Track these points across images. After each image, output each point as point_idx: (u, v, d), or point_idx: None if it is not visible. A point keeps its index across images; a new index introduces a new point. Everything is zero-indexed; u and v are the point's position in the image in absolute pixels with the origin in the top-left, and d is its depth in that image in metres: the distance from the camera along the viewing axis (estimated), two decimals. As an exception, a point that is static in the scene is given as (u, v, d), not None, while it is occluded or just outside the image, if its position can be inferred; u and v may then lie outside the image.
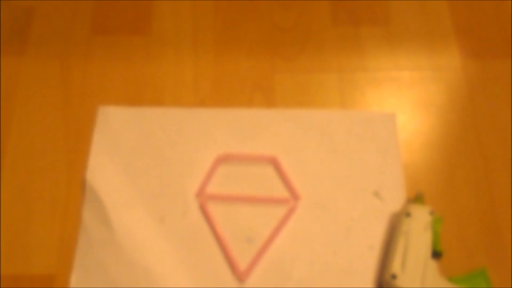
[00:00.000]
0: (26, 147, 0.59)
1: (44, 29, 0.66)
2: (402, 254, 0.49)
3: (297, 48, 0.65)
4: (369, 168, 0.57)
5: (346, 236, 0.53)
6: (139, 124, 0.60)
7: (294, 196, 0.55)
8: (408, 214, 0.51)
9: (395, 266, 0.49)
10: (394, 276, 0.49)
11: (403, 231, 0.51)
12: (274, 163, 0.57)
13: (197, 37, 0.66)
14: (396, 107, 0.61)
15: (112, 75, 0.63)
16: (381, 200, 0.56)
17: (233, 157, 0.57)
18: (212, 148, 0.58)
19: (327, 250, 0.53)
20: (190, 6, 0.67)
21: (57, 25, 0.66)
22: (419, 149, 0.59)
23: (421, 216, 0.51)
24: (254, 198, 0.55)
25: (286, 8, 0.67)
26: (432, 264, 0.50)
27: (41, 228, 0.55)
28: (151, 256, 0.53)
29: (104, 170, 0.57)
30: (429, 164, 0.58)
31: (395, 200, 0.55)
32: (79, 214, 0.55)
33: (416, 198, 0.54)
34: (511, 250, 0.54)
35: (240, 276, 0.52)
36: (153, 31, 0.66)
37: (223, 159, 0.57)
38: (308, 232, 0.54)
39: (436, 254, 0.51)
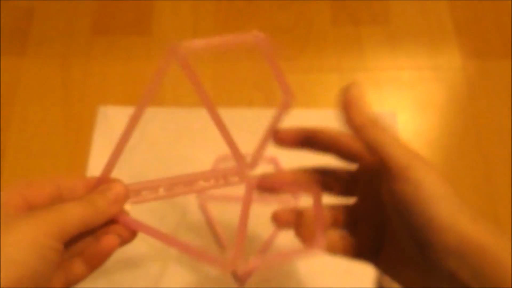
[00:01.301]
0: (26, 147, 0.59)
1: (44, 29, 0.66)
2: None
3: (297, 48, 0.65)
4: (369, 168, 0.57)
5: (346, 236, 0.53)
6: (139, 124, 0.60)
7: (294, 196, 0.55)
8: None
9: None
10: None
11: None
12: (274, 163, 0.57)
13: (197, 37, 0.65)
14: (396, 107, 0.61)
15: (112, 75, 0.63)
16: (381, 200, 0.56)
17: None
18: (212, 148, 0.58)
19: (327, 250, 0.53)
20: (190, 6, 0.67)
21: (57, 25, 0.66)
22: (419, 149, 0.59)
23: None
24: (254, 198, 0.55)
25: (286, 8, 0.67)
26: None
27: (41, 228, 0.55)
28: (151, 256, 0.53)
29: (104, 170, 0.57)
30: (429, 164, 0.58)
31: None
32: (79, 214, 0.55)
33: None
34: (511, 250, 0.54)
35: (240, 276, 0.52)
36: (153, 31, 0.66)
37: (223, 159, 0.57)
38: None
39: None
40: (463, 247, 0.27)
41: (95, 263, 0.29)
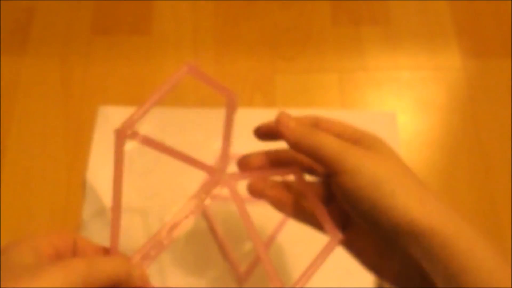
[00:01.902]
0: (26, 147, 0.59)
1: (44, 29, 0.66)
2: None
3: (297, 48, 0.65)
4: (369, 168, 0.57)
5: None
6: (139, 124, 0.60)
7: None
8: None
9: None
10: (394, 276, 0.49)
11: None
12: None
13: (197, 37, 0.66)
14: (396, 107, 0.61)
15: (112, 75, 0.63)
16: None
17: (233, 157, 0.57)
18: (213, 148, 0.58)
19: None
20: (190, 6, 0.67)
21: (57, 25, 0.66)
22: (419, 149, 0.59)
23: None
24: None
25: (286, 8, 0.67)
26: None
27: (41, 228, 0.55)
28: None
29: (104, 170, 0.57)
30: (429, 164, 0.58)
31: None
32: (79, 214, 0.55)
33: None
34: (511, 250, 0.54)
35: (240, 276, 0.52)
36: (153, 31, 0.66)
37: (223, 159, 0.57)
38: (308, 232, 0.54)
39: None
40: (412, 228, 0.28)
41: None
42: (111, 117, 0.60)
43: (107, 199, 0.55)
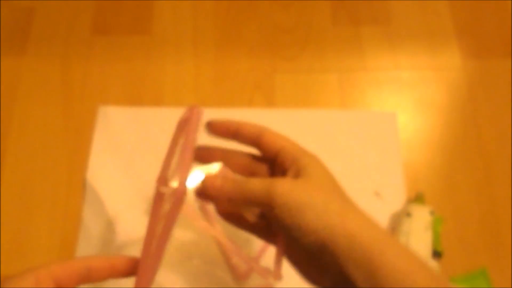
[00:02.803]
0: (26, 147, 0.59)
1: (44, 29, 0.66)
2: (402, 254, 0.50)
3: (297, 48, 0.65)
4: (369, 168, 0.57)
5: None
6: (139, 124, 0.60)
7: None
8: (408, 214, 0.52)
9: (395, 266, 0.49)
10: (394, 276, 0.49)
11: (403, 231, 0.51)
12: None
13: (197, 37, 0.66)
14: (397, 107, 0.61)
15: (112, 75, 0.63)
16: (381, 200, 0.56)
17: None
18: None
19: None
20: (190, 6, 0.67)
21: (57, 25, 0.66)
22: (420, 149, 0.59)
23: (422, 216, 0.51)
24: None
25: (286, 8, 0.67)
26: (433, 264, 0.50)
27: (41, 228, 0.55)
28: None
29: (104, 170, 0.57)
30: (429, 164, 0.58)
31: (395, 200, 0.55)
32: (79, 214, 0.55)
33: (416, 198, 0.54)
34: (511, 250, 0.54)
35: (240, 276, 0.52)
36: (153, 31, 0.66)
37: (223, 159, 0.57)
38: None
39: (437, 254, 0.51)
40: (334, 240, 0.30)
41: None
42: (111, 117, 0.60)
43: (107, 199, 0.55)
